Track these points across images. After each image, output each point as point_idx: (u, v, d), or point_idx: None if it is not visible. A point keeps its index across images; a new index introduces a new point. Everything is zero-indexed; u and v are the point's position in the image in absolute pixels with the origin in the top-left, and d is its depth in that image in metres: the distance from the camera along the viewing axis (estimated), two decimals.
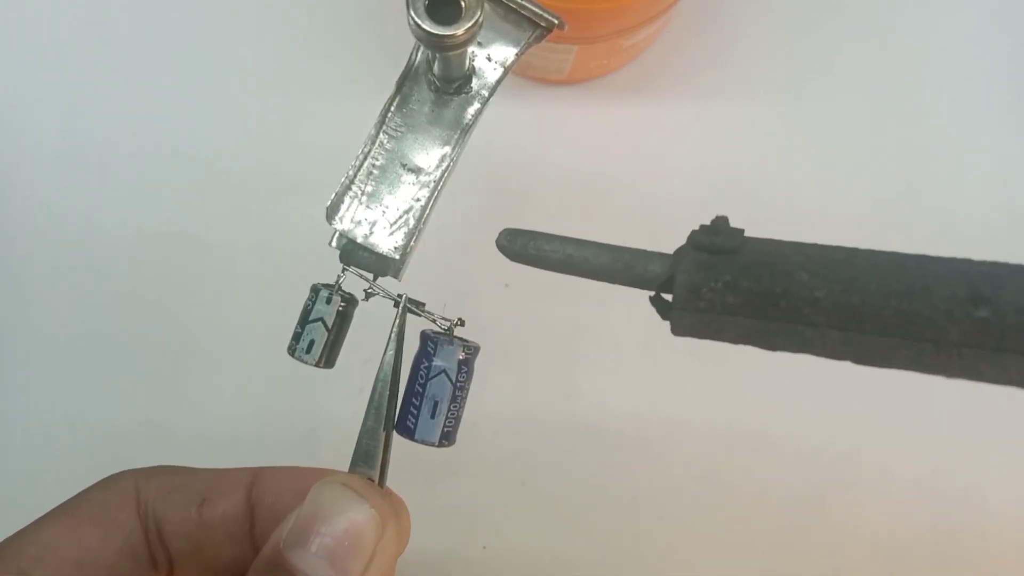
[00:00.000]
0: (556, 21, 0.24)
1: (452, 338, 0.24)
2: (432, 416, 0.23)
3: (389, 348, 0.24)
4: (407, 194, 0.24)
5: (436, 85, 0.25)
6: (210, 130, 0.42)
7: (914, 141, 0.42)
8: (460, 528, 0.38)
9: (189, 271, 0.40)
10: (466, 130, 0.25)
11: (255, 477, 0.26)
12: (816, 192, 0.42)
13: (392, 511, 0.23)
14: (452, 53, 0.22)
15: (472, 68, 0.25)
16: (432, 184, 0.24)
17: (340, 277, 0.24)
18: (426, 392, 0.23)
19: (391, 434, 0.24)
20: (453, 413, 0.23)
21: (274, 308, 0.28)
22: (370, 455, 0.23)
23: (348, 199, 0.24)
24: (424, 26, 0.20)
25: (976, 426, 0.39)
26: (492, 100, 0.25)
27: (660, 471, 0.39)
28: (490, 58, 0.25)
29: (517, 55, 0.25)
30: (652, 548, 0.38)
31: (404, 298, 0.24)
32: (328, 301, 0.24)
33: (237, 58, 0.43)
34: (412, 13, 0.20)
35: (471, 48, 0.24)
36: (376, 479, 0.24)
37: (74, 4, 0.43)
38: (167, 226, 0.41)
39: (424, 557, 0.38)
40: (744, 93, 0.43)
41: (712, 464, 0.39)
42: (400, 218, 0.24)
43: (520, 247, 0.21)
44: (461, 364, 0.23)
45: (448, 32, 0.20)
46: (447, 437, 0.24)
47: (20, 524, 0.24)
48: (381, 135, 0.25)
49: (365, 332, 0.25)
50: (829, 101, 0.43)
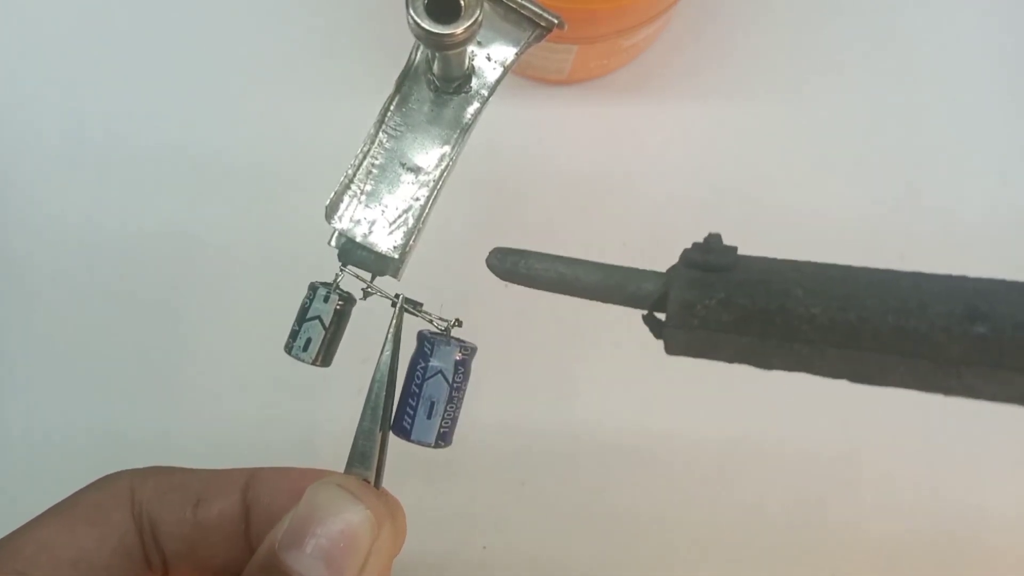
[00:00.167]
0: (556, 21, 0.24)
1: (449, 339, 0.24)
2: (428, 417, 0.23)
3: (386, 348, 0.24)
4: (406, 193, 0.24)
5: (436, 84, 0.25)
6: (210, 130, 0.42)
7: (914, 141, 0.42)
8: (460, 528, 0.38)
9: (188, 271, 0.40)
10: (466, 130, 0.25)
11: (251, 478, 0.26)
12: (816, 192, 0.41)
13: (388, 512, 0.23)
14: (452, 52, 0.22)
15: (472, 67, 0.25)
16: (431, 183, 0.24)
17: (338, 276, 0.24)
18: (422, 393, 0.23)
19: (387, 435, 0.24)
20: (449, 414, 0.23)
21: (273, 308, 0.28)
22: (366, 456, 0.23)
23: (347, 198, 0.24)
24: (424, 25, 0.20)
25: (975, 428, 0.39)
26: (492, 100, 0.25)
27: (659, 471, 0.39)
28: (490, 57, 0.25)
29: (517, 55, 0.25)
30: (651, 548, 0.38)
31: (401, 298, 0.24)
32: (326, 299, 0.24)
33: (237, 58, 0.43)
34: (412, 12, 0.20)
35: (471, 47, 0.24)
36: (372, 480, 0.23)
37: (74, 4, 0.43)
38: (167, 226, 0.41)
39: (424, 557, 0.38)
40: (744, 93, 0.43)
41: (711, 465, 0.39)
42: (399, 217, 0.24)
43: (511, 265, 0.20)
44: (458, 365, 0.23)
45: (447, 31, 0.20)
46: (443, 438, 0.24)
47: (17, 524, 0.24)
48: (380, 134, 0.25)
49: (363, 331, 0.25)
50: (829, 101, 0.43)
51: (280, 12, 0.43)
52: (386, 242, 0.24)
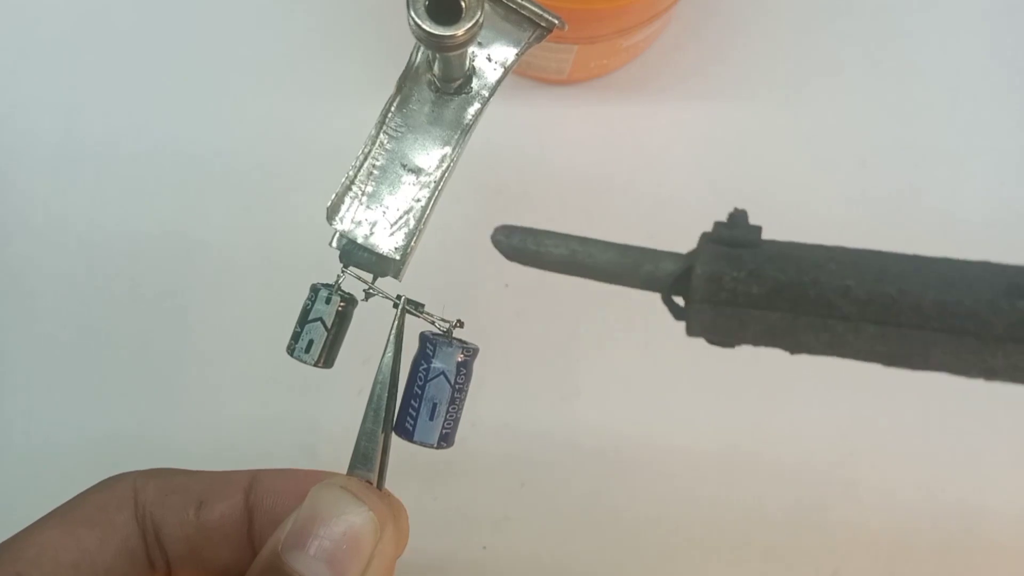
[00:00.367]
0: (556, 21, 0.24)
1: (451, 340, 0.24)
2: (431, 418, 0.23)
3: (388, 350, 0.24)
4: (407, 194, 0.24)
5: (436, 85, 0.25)
6: (210, 130, 0.42)
7: (914, 141, 0.42)
8: (460, 529, 0.38)
9: (189, 271, 0.40)
10: (466, 130, 0.25)
11: (253, 479, 0.26)
12: (816, 192, 0.41)
13: (391, 514, 0.23)
14: (452, 53, 0.22)
15: (472, 68, 0.25)
16: (432, 184, 0.24)
17: (340, 277, 0.24)
18: (425, 394, 0.23)
19: (390, 436, 0.24)
20: (452, 415, 0.23)
21: (274, 309, 0.28)
22: (368, 457, 0.23)
23: (348, 199, 0.24)
24: (424, 26, 0.20)
25: (975, 429, 0.39)
26: (492, 100, 0.25)
27: (659, 472, 0.39)
28: (490, 58, 0.25)
29: (517, 55, 0.25)
30: (651, 549, 0.38)
31: (403, 299, 0.24)
32: (327, 301, 0.24)
33: (237, 58, 0.43)
34: (412, 13, 0.20)
35: (471, 48, 0.24)
36: (375, 481, 0.23)
37: (74, 4, 0.43)
38: (167, 226, 0.41)
39: (424, 558, 0.38)
40: (744, 93, 0.43)
41: (711, 465, 0.39)
42: (400, 218, 0.24)
43: (518, 242, 0.20)
44: (460, 366, 0.23)
45: (448, 32, 0.20)
46: (446, 439, 0.24)
47: (18, 526, 0.24)
48: (381, 135, 0.25)
49: (365, 332, 0.25)
50: (829, 101, 0.43)
51: (280, 12, 0.43)
52: (387, 243, 0.24)
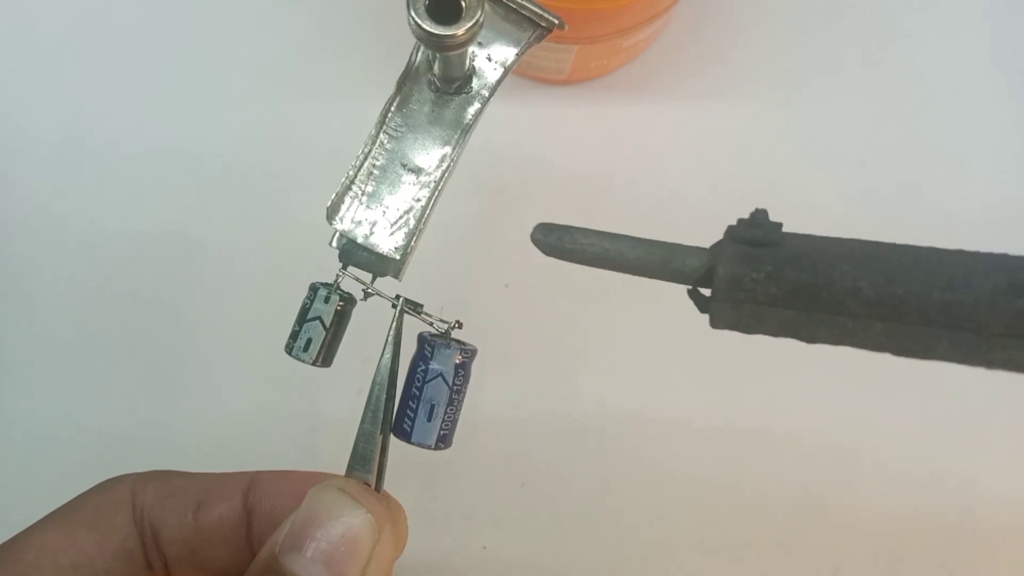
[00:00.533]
0: (556, 21, 0.24)
1: (449, 341, 0.24)
2: (429, 419, 0.23)
3: (386, 351, 0.24)
4: (407, 194, 0.24)
5: (436, 85, 0.24)
6: (210, 130, 0.42)
7: (914, 141, 0.42)
8: (460, 529, 0.38)
9: (189, 271, 0.40)
10: (466, 130, 0.25)
11: (252, 481, 0.26)
12: (816, 192, 0.41)
13: (389, 515, 0.23)
14: (452, 53, 0.22)
15: (472, 68, 0.25)
16: (432, 184, 0.24)
17: (339, 276, 0.24)
18: (423, 395, 0.23)
19: (388, 438, 0.24)
20: (450, 416, 0.23)
21: (274, 308, 0.28)
22: (367, 459, 0.23)
23: (348, 199, 0.24)
24: (424, 26, 0.20)
25: (976, 426, 0.39)
26: (492, 100, 0.25)
27: (659, 471, 0.39)
28: (490, 58, 0.25)
29: (517, 55, 0.25)
30: (651, 548, 0.38)
31: (401, 300, 0.24)
32: (326, 300, 0.24)
33: (237, 58, 0.43)
34: (412, 13, 0.20)
35: (471, 48, 0.24)
36: (373, 483, 0.23)
37: (74, 4, 0.43)
38: (167, 226, 0.41)
39: (424, 558, 0.38)
40: (744, 93, 0.43)
41: (711, 464, 0.39)
42: (400, 218, 0.24)
43: (556, 241, 0.20)
44: (458, 368, 0.23)
45: (448, 32, 0.20)
46: (443, 440, 0.24)
47: (17, 528, 0.24)
48: (381, 135, 0.24)
49: (364, 331, 0.25)
50: (829, 101, 0.43)
51: (280, 12, 0.43)
52: (387, 243, 0.24)
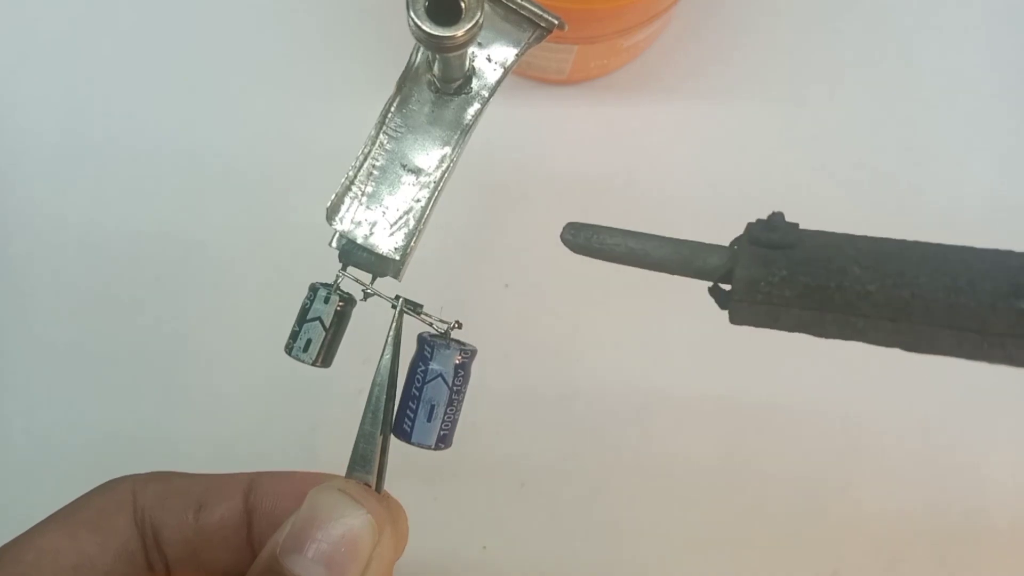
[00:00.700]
0: (556, 21, 0.24)
1: (449, 342, 0.24)
2: (428, 420, 0.23)
3: (385, 352, 0.24)
4: (407, 195, 0.24)
5: (436, 86, 0.24)
6: (210, 130, 0.42)
7: (914, 141, 0.42)
8: (460, 529, 0.38)
9: (188, 271, 0.40)
10: (466, 131, 0.25)
11: (252, 482, 0.26)
12: (816, 191, 0.41)
13: (389, 516, 0.23)
14: (452, 54, 0.22)
15: (472, 69, 0.25)
16: (432, 185, 0.24)
17: (339, 277, 0.24)
18: (423, 396, 0.23)
19: (388, 438, 0.24)
20: (450, 416, 0.23)
21: (274, 309, 0.28)
22: (367, 459, 0.23)
23: (348, 200, 0.24)
24: (424, 27, 0.20)
25: (977, 426, 0.39)
26: (492, 100, 0.25)
27: (659, 471, 0.39)
28: (490, 59, 0.25)
29: (517, 56, 0.25)
30: (651, 548, 0.38)
31: (401, 300, 0.24)
32: (326, 300, 0.24)
33: (237, 58, 0.43)
34: (412, 14, 0.20)
35: (471, 49, 0.24)
36: (373, 483, 0.23)
37: (74, 4, 0.43)
38: (167, 226, 0.41)
39: (424, 558, 0.38)
40: (744, 93, 0.43)
41: (711, 464, 0.39)
42: (400, 219, 0.24)
43: (584, 240, 0.21)
44: (458, 368, 0.23)
45: (448, 33, 0.20)
46: (443, 440, 0.24)
47: (18, 530, 0.24)
48: (381, 136, 0.24)
49: (364, 332, 0.25)
50: (829, 100, 0.43)
51: (280, 12, 0.43)
52: (387, 243, 0.24)
